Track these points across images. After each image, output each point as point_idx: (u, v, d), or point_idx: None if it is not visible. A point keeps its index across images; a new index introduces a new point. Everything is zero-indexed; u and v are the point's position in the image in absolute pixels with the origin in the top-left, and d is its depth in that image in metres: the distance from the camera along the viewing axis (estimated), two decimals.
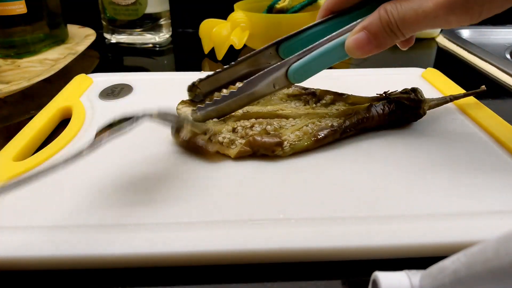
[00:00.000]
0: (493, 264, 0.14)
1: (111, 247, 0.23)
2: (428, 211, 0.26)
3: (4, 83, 0.47)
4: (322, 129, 0.32)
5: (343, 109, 0.35)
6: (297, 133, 0.32)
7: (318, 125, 0.33)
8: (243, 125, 0.33)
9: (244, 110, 0.35)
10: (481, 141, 0.34)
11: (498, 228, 0.24)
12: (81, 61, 0.57)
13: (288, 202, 0.27)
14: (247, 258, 0.23)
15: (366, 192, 0.28)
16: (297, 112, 0.35)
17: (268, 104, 0.37)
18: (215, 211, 0.26)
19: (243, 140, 0.31)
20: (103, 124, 0.27)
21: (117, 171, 0.30)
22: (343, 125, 0.33)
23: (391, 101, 0.35)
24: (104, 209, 0.26)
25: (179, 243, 0.23)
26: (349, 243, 0.23)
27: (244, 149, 0.31)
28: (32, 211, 0.26)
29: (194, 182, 0.29)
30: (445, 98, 0.38)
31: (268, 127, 0.32)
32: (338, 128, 0.32)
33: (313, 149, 0.32)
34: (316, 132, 0.32)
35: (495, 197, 0.27)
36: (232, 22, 0.57)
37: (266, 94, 0.33)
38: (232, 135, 0.32)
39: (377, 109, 0.34)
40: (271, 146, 0.31)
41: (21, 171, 0.30)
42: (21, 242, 0.23)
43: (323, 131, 0.32)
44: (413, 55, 0.64)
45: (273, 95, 0.37)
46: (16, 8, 0.53)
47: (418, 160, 0.31)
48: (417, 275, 0.18)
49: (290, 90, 0.38)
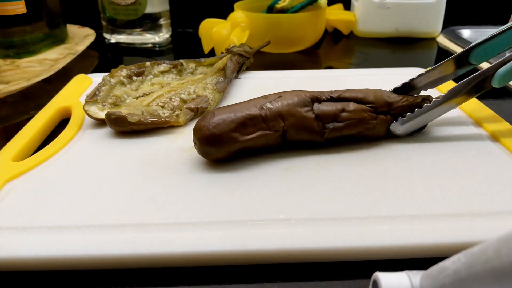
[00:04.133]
0: (494, 264, 0.14)
1: (111, 247, 0.23)
2: (428, 211, 0.26)
3: (3, 83, 0.47)
4: (219, 82, 0.42)
5: (209, 69, 0.44)
6: (208, 91, 0.40)
7: (211, 81, 0.42)
8: (163, 101, 0.38)
9: (140, 94, 0.40)
10: (481, 141, 0.34)
11: (498, 228, 0.24)
12: (81, 61, 0.57)
13: (288, 202, 0.27)
14: (247, 258, 0.23)
15: (366, 192, 0.28)
16: (183, 81, 0.42)
17: (151, 85, 0.41)
18: (214, 211, 0.26)
19: (177, 111, 0.38)
20: None
21: (116, 172, 0.30)
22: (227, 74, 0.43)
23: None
24: (104, 210, 0.26)
25: (178, 244, 0.23)
26: (349, 244, 0.23)
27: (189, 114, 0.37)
28: (32, 211, 0.26)
29: (194, 183, 0.29)
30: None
31: (183, 96, 0.39)
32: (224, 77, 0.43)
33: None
34: (214, 85, 0.41)
35: (495, 197, 0.27)
36: (232, 22, 0.57)
37: (463, 102, 0.33)
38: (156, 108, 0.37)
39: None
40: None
41: (20, 172, 0.30)
42: (21, 242, 0.23)
43: (219, 83, 0.42)
44: (414, 55, 0.64)
45: (147, 75, 0.42)
46: (16, 8, 0.53)
47: (418, 160, 0.31)
48: (418, 276, 0.18)
49: (161, 67, 0.43)
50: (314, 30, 0.61)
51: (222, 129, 0.29)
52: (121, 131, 0.35)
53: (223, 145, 0.29)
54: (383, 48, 0.65)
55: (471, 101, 0.39)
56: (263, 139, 0.30)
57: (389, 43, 0.66)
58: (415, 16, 0.65)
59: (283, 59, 0.59)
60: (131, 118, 0.34)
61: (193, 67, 0.45)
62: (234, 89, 0.45)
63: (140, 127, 0.35)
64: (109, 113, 0.34)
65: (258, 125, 0.30)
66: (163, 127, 0.36)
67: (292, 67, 0.53)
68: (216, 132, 0.29)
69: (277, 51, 0.60)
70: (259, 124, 0.30)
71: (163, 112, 0.37)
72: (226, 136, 0.29)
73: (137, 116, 0.34)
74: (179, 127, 0.37)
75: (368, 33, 0.68)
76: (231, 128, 0.29)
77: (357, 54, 0.63)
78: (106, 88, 0.38)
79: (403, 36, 0.68)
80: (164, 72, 0.43)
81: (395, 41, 0.67)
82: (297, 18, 0.58)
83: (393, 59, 0.61)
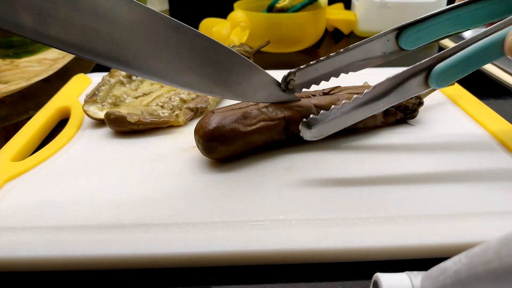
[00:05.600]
0: (495, 265, 0.14)
1: (111, 248, 0.23)
2: (429, 212, 0.26)
3: (2, 83, 0.46)
4: None
5: None
6: None
7: None
8: (162, 100, 0.38)
9: (140, 93, 0.39)
10: (482, 141, 0.34)
11: (499, 229, 0.24)
12: (80, 61, 0.57)
13: (289, 203, 0.26)
14: (247, 259, 0.23)
15: (366, 193, 0.27)
16: None
17: (150, 84, 0.41)
18: (214, 212, 0.26)
19: (177, 111, 0.37)
20: None
21: (116, 172, 0.30)
22: None
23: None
24: (103, 210, 0.26)
25: (178, 244, 0.23)
26: (350, 244, 0.23)
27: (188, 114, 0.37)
28: (31, 211, 0.26)
29: (194, 183, 0.29)
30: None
31: (183, 95, 0.38)
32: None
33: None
34: None
35: (496, 198, 0.27)
36: (232, 21, 0.57)
37: (392, 104, 0.27)
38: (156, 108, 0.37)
39: None
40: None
41: (19, 172, 0.30)
42: (20, 243, 0.23)
43: None
44: (415, 55, 0.63)
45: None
46: None
47: (419, 160, 0.31)
48: (419, 276, 0.18)
49: None
50: (314, 29, 0.61)
51: (224, 123, 0.29)
52: (121, 131, 0.35)
53: (227, 138, 0.29)
54: None
55: (471, 101, 0.40)
56: (267, 133, 0.30)
57: None
58: (416, 15, 0.65)
59: (283, 58, 0.59)
60: (131, 118, 0.34)
61: None
62: None
63: (140, 127, 0.35)
64: (109, 113, 0.34)
65: (259, 116, 0.30)
66: (163, 127, 0.36)
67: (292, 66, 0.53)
68: (218, 125, 0.29)
69: (277, 50, 0.60)
70: (260, 116, 0.30)
71: (163, 112, 0.37)
72: (228, 128, 0.29)
73: (136, 116, 0.34)
74: (179, 127, 0.36)
75: (369, 32, 0.68)
76: (233, 120, 0.29)
77: None
78: (106, 88, 0.38)
79: None
80: None
81: None
82: (297, 18, 0.58)
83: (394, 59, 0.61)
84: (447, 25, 0.28)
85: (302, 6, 0.59)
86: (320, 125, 0.27)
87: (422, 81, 0.27)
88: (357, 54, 0.29)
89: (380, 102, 0.27)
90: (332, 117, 0.27)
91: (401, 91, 0.27)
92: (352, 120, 0.27)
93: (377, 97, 0.27)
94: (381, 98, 0.27)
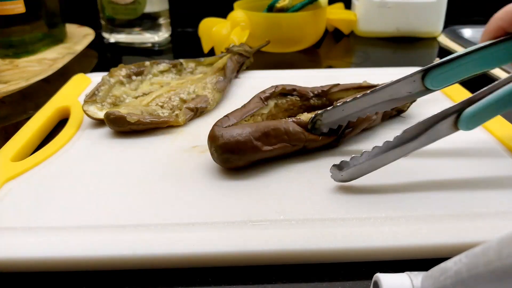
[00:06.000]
0: (495, 265, 0.14)
1: (110, 248, 0.23)
2: (429, 212, 0.26)
3: (2, 83, 0.46)
4: (219, 81, 0.41)
5: (208, 68, 0.44)
6: (208, 91, 0.40)
7: (211, 80, 0.41)
8: (162, 100, 0.38)
9: (140, 93, 0.40)
10: (483, 141, 0.34)
11: (500, 229, 0.24)
12: (80, 61, 0.57)
13: (288, 203, 0.26)
14: (247, 259, 0.23)
15: (366, 193, 0.27)
16: (182, 80, 0.42)
17: (150, 84, 0.42)
18: (214, 212, 0.26)
19: (176, 111, 0.37)
20: None
21: (115, 172, 0.30)
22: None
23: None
24: (103, 210, 0.26)
25: (178, 245, 0.23)
26: (350, 245, 0.23)
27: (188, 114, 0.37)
28: (31, 212, 0.26)
29: (193, 183, 0.29)
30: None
31: (182, 95, 0.39)
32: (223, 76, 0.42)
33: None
34: (214, 84, 0.41)
35: (497, 198, 0.27)
36: (232, 21, 0.57)
37: (422, 147, 0.27)
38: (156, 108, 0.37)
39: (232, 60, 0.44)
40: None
41: (19, 172, 0.30)
42: (20, 243, 0.23)
43: (219, 83, 0.41)
44: (415, 55, 0.63)
45: (147, 75, 0.42)
46: (15, 7, 0.53)
47: (419, 160, 0.31)
48: (419, 277, 0.18)
49: (161, 67, 0.43)
50: (315, 29, 0.61)
51: (245, 138, 0.28)
52: (120, 131, 0.35)
53: (246, 153, 0.28)
54: (384, 47, 0.65)
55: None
56: (281, 150, 0.30)
57: (390, 43, 0.66)
58: (416, 15, 0.65)
59: (283, 58, 0.59)
60: (130, 118, 0.34)
61: (193, 66, 0.45)
62: (234, 88, 0.45)
63: (139, 127, 0.35)
64: (108, 113, 0.34)
65: (280, 137, 0.29)
66: (163, 127, 0.36)
67: (293, 66, 0.53)
68: (239, 139, 0.28)
69: (277, 50, 0.60)
70: (282, 136, 0.29)
71: (163, 112, 0.37)
72: (249, 145, 0.28)
73: (136, 116, 0.34)
74: (179, 127, 0.36)
75: (369, 32, 0.68)
76: (255, 137, 0.29)
77: (358, 54, 0.63)
78: (105, 88, 0.38)
79: (404, 36, 0.67)
80: (163, 71, 0.43)
81: (396, 41, 0.67)
82: (297, 18, 0.58)
83: (394, 59, 0.61)
84: (473, 65, 0.28)
85: (302, 6, 0.59)
86: (351, 168, 0.27)
87: (451, 124, 0.27)
88: (383, 95, 0.29)
89: (410, 145, 0.27)
90: (363, 161, 0.27)
91: (431, 134, 0.27)
92: (383, 163, 0.27)
93: (407, 140, 0.27)
94: (411, 141, 0.27)
